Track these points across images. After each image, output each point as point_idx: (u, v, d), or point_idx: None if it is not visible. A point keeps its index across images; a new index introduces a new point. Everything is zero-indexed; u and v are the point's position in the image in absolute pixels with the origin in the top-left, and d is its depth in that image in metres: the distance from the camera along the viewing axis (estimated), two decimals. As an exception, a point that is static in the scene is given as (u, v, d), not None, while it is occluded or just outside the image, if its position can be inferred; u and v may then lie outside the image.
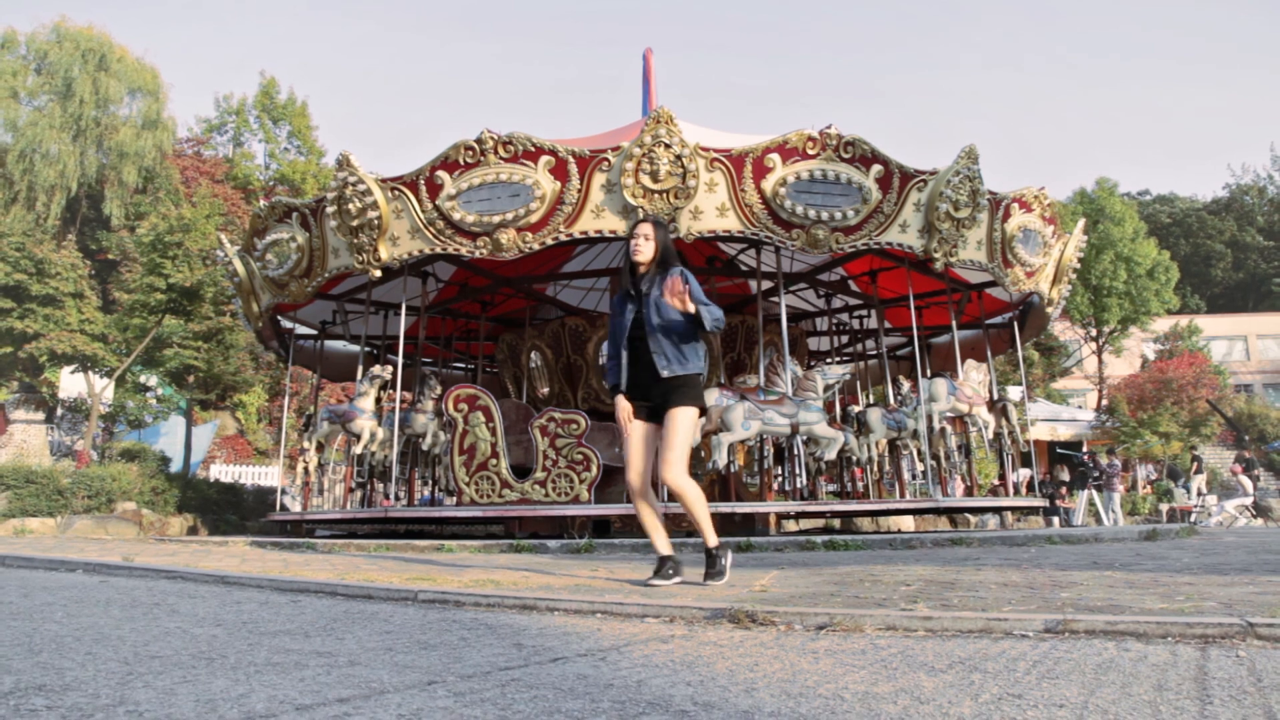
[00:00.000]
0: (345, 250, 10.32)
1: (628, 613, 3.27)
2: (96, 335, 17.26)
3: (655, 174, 9.06)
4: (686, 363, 4.44)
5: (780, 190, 9.33)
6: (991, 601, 3.37)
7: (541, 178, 9.26)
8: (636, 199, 9.10)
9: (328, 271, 10.76)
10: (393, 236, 9.94)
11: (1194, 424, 29.12)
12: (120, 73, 31.42)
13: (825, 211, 9.45)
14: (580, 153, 9.25)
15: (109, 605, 3.68)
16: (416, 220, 9.72)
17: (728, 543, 4.87)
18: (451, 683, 2.04)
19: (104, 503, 12.06)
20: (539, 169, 9.27)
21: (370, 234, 9.89)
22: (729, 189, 9.36)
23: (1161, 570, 4.77)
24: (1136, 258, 33.20)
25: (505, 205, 9.35)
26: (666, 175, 9.07)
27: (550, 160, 9.27)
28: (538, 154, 9.29)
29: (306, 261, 10.92)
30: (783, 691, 1.93)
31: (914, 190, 9.83)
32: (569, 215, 9.34)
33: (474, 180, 9.40)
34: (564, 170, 9.26)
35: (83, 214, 32.96)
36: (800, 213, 9.40)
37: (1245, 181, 65.14)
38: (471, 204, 9.44)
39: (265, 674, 2.13)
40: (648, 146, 9.04)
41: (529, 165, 9.31)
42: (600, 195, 9.28)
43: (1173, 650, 2.38)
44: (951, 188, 9.77)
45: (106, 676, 2.09)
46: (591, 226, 9.38)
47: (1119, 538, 8.74)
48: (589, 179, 9.27)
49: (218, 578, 4.79)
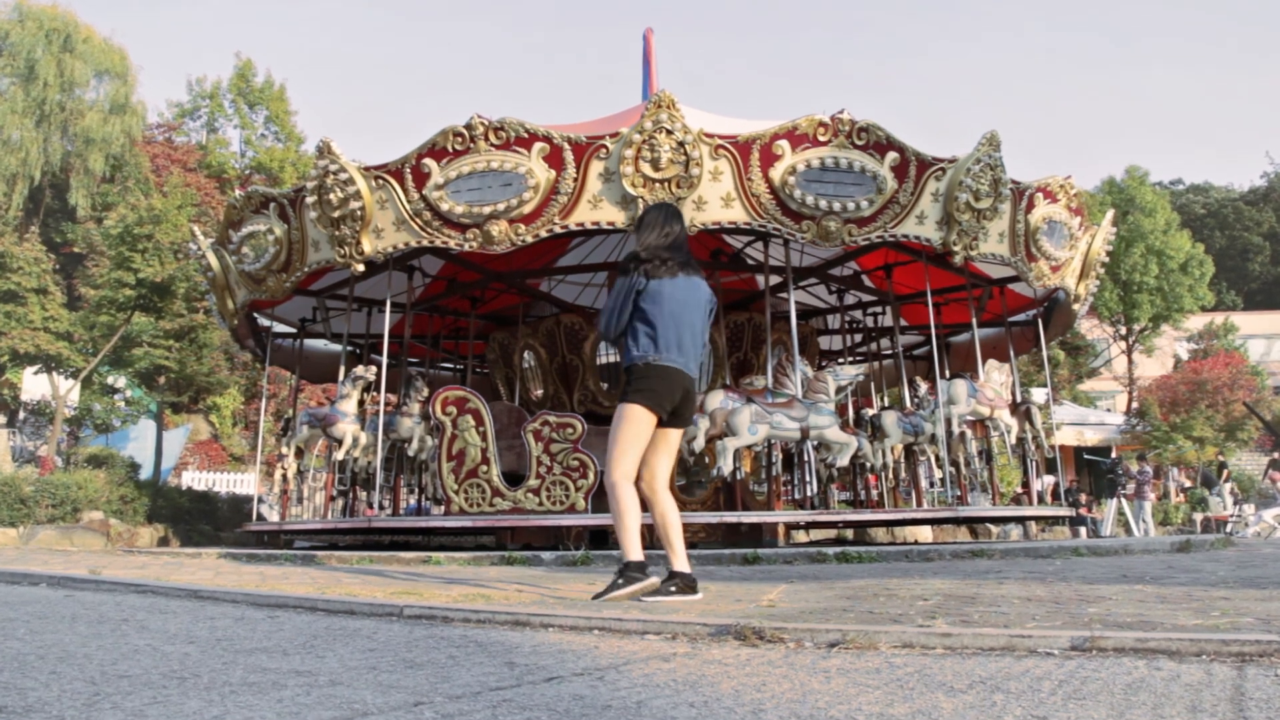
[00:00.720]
0: (326, 243, 10.29)
1: (627, 629, 3.27)
2: (61, 333, 17.26)
3: (656, 162, 9.03)
4: (627, 351, 4.55)
5: (790, 179, 9.30)
6: (1014, 617, 3.37)
7: (535, 166, 9.23)
8: (636, 189, 9.08)
9: (307, 266, 10.74)
10: (377, 228, 9.92)
11: (1230, 428, 29.11)
12: (86, 54, 31.38)
13: (837, 202, 9.42)
14: (576, 139, 9.23)
15: (74, 621, 3.68)
16: (402, 211, 9.69)
17: (736, 554, 4.86)
18: (439, 704, 2.04)
19: (69, 512, 12.07)
20: (532, 156, 9.25)
21: (353, 226, 9.86)
22: (735, 178, 9.32)
23: (1195, 584, 4.77)
24: (1169, 251, 33.20)
25: (496, 195, 9.31)
26: (668, 163, 9.02)
27: (544, 147, 9.24)
28: (531, 141, 9.26)
29: (285, 255, 10.88)
30: (792, 713, 1.93)
31: (932, 179, 9.79)
32: (564, 206, 9.31)
33: (463, 168, 9.37)
34: (559, 158, 9.22)
35: (46, 204, 32.95)
36: (811, 203, 9.36)
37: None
38: (460, 194, 9.41)
39: (241, 694, 2.13)
40: (648, 133, 9.00)
41: (522, 153, 9.28)
42: (598, 185, 9.26)
43: (1207, 669, 2.38)
44: (972, 176, 9.72)
45: (72, 697, 2.09)
46: (589, 218, 9.36)
47: (1150, 549, 8.74)
48: (585, 167, 9.25)
49: (190, 592, 4.79)
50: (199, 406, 26.87)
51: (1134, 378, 35.24)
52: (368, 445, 11.38)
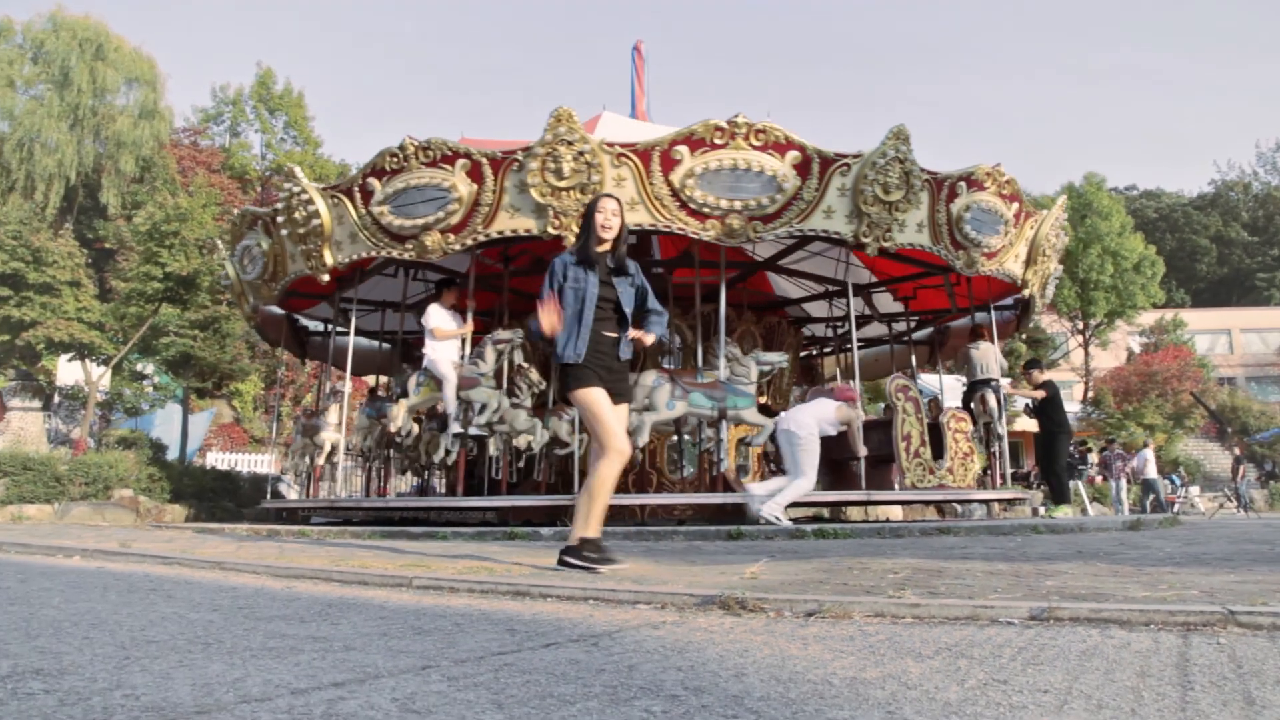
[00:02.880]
0: (300, 256, 10.59)
1: (620, 599, 3.28)
2: (93, 323, 17.21)
3: (559, 172, 9.09)
4: None
5: (689, 181, 9.22)
6: (978, 589, 3.38)
7: (458, 180, 9.40)
8: (545, 197, 9.16)
9: (288, 275, 10.98)
10: (336, 242, 10.23)
11: (1178, 416, 29.28)
12: (117, 62, 31.21)
13: (738, 200, 9.31)
14: (492, 154, 9.35)
15: (106, 591, 3.67)
16: (354, 225, 10.01)
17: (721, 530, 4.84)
18: (445, 667, 2.04)
19: (101, 489, 12.03)
20: (456, 172, 9.42)
21: (315, 241, 10.22)
22: (637, 183, 9.30)
23: (1145, 560, 4.80)
24: (1123, 252, 33.32)
25: (427, 209, 9.53)
26: (571, 172, 9.11)
27: (466, 163, 9.40)
28: (454, 158, 9.43)
29: (272, 267, 11.22)
30: (772, 677, 1.94)
31: (837, 175, 9.56)
32: (486, 216, 9.46)
33: (399, 185, 9.61)
34: (479, 172, 9.38)
35: (80, 203, 32.78)
36: (711, 203, 9.29)
37: (1231, 178, 65.51)
38: (400, 208, 9.67)
39: (261, 658, 2.13)
40: (550, 145, 9.07)
41: (447, 169, 9.45)
42: (514, 194, 9.39)
43: (1155, 637, 2.39)
44: (878, 170, 9.49)
45: (103, 661, 2.09)
46: (508, 226, 9.47)
47: (1103, 528, 8.77)
48: (501, 179, 9.38)
49: (214, 563, 4.79)
50: (222, 392, 26.84)
51: (1090, 369, 35.37)
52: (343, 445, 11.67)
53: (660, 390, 9.39)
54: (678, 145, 9.25)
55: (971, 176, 10.49)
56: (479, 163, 9.33)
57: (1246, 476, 23.14)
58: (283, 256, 10.95)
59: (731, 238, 9.47)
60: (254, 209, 11.59)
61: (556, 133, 9.06)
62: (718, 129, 9.24)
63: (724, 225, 9.40)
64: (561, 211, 9.22)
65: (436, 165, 9.47)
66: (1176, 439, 29.97)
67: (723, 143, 9.28)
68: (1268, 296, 57.12)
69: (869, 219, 9.66)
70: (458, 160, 9.38)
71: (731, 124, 9.25)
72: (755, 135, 9.30)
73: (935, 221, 10.35)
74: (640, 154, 9.24)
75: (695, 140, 9.26)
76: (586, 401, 4.38)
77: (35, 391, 23.28)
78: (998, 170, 10.80)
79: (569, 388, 4.44)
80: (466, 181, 9.37)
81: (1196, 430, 32.43)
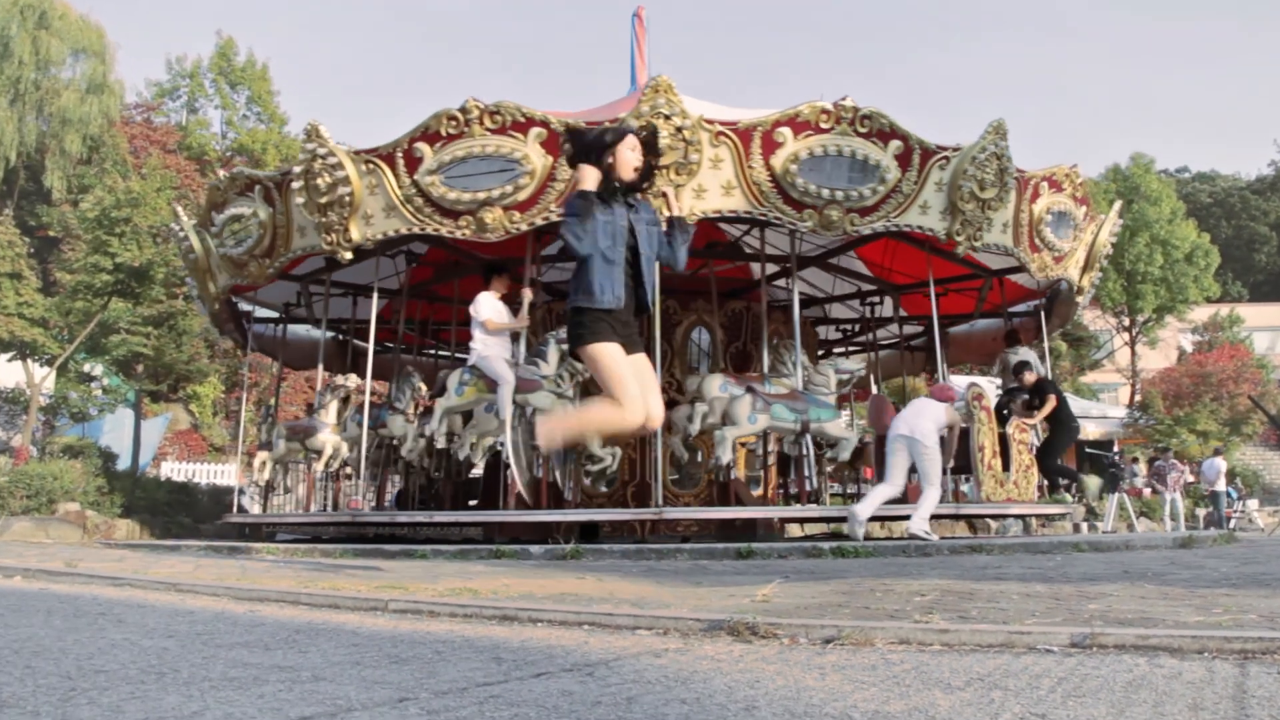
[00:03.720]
0: (312, 229, 10.19)
1: (618, 624, 3.28)
2: (36, 319, 17.17)
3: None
4: None
5: (791, 167, 9.27)
6: (1013, 613, 3.38)
7: (531, 151, 9.14)
8: (634, 175, 9.05)
9: (292, 251, 10.67)
10: (365, 214, 9.81)
11: (1234, 422, 29.24)
12: (62, 31, 31.17)
13: (840, 191, 9.39)
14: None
15: (50, 615, 3.68)
16: (393, 197, 9.58)
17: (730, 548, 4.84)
18: (425, 700, 2.04)
19: (44, 503, 12.04)
20: (529, 141, 9.16)
21: (340, 212, 9.74)
22: (735, 165, 9.28)
23: (1197, 580, 4.80)
24: (1174, 240, 33.28)
25: (491, 181, 9.21)
26: (667, 149, 8.91)
27: (541, 132, 9.15)
28: (528, 125, 9.17)
29: (269, 240, 10.77)
30: (786, 710, 1.94)
31: (935, 168, 9.77)
32: (561, 193, 9.16)
33: (457, 153, 9.26)
34: (556, 143, 9.08)
35: (21, 186, 32.77)
36: (813, 192, 9.33)
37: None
38: (454, 179, 9.30)
39: (221, 690, 2.13)
40: (646, 118, 8.92)
41: (518, 137, 9.18)
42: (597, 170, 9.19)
43: (1209, 666, 2.40)
44: (977, 165, 9.71)
45: (47, 692, 2.09)
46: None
47: (1151, 545, 8.78)
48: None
49: (169, 585, 4.79)
50: (178, 395, 26.84)
51: (1137, 370, 35.35)
52: (352, 443, 11.34)
53: (741, 403, 9.44)
54: (781, 127, 9.32)
55: (1052, 177, 10.94)
56: (557, 133, 9.03)
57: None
58: (287, 229, 10.58)
59: (828, 229, 9.62)
60: (251, 171, 11.29)
61: (655, 104, 8.97)
62: (824, 112, 9.36)
63: (822, 216, 9.49)
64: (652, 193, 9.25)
65: (505, 132, 9.20)
66: (1233, 447, 29.94)
67: (828, 127, 9.39)
68: (1333, 289, 57.12)
69: (963, 216, 9.91)
70: (531, 128, 9.15)
71: (838, 107, 9.37)
72: (861, 121, 9.44)
73: (1019, 222, 10.75)
74: (741, 134, 9.27)
75: (800, 122, 9.33)
76: (603, 359, 4.16)
77: (-29, 395, 23.29)
78: (1074, 172, 11.32)
79: (581, 341, 4.20)
80: (541, 153, 9.13)
81: (1255, 438, 32.38)
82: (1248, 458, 33.55)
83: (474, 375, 9.79)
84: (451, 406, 9.97)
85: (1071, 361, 36.83)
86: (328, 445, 11.17)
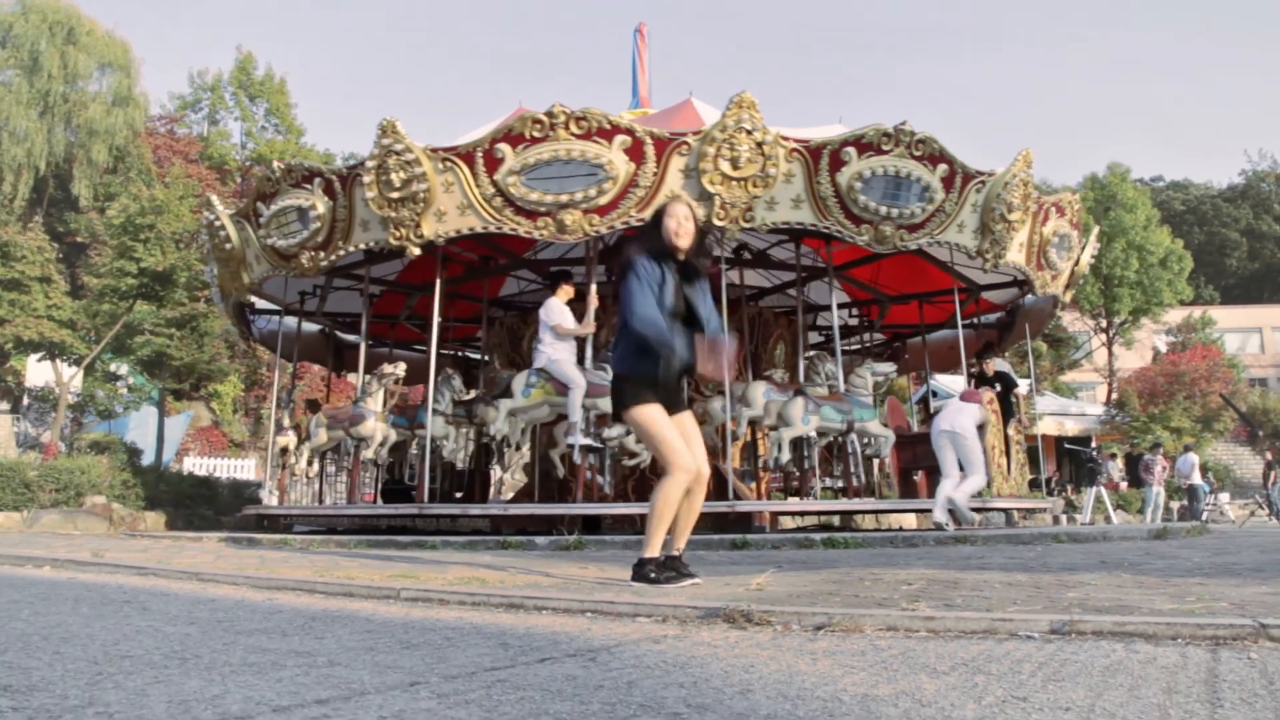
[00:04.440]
0: (377, 224, 9.89)
1: (619, 612, 3.28)
2: (64, 321, 17.20)
3: (736, 161, 9.07)
4: None
5: (855, 184, 9.51)
6: (996, 601, 3.38)
7: (615, 157, 9.11)
8: (714, 185, 9.09)
9: (351, 244, 10.29)
10: (439, 211, 9.58)
11: (1206, 419, 29.25)
12: (90, 47, 31.19)
13: (895, 209, 9.68)
14: (659, 134, 9.18)
15: (78, 603, 3.68)
16: (471, 195, 9.42)
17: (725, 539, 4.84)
18: (435, 684, 2.04)
19: (72, 496, 12.03)
20: (613, 148, 9.14)
21: (414, 208, 9.52)
22: (805, 180, 9.51)
23: (1171, 570, 4.80)
24: (1149, 246, 33.26)
25: (574, 184, 9.17)
26: (747, 163, 9.06)
27: (626, 140, 9.14)
28: (613, 132, 9.16)
29: (326, 233, 10.34)
30: (779, 694, 1.94)
31: (973, 191, 10.14)
32: (642, 199, 9.17)
33: (541, 155, 9.17)
34: (640, 151, 9.14)
35: (50, 195, 32.78)
36: (871, 208, 9.59)
37: (1262, 168, 65.32)
38: (536, 181, 9.22)
39: (241, 674, 2.13)
40: (730, 131, 9.02)
41: (603, 143, 9.15)
42: (678, 179, 9.22)
43: (1183, 652, 2.40)
44: (1007, 190, 10.09)
45: (75, 677, 2.09)
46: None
47: (1128, 536, 8.78)
48: (666, 162, 9.17)
49: (191, 574, 4.79)
50: (200, 394, 26.81)
51: (1114, 369, 35.34)
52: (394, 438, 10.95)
53: (795, 405, 9.90)
54: (847, 146, 9.53)
55: (1059, 202, 11.52)
56: (641, 140, 9.10)
57: (1278, 482, 23.12)
58: (348, 223, 10.20)
59: (881, 244, 9.89)
60: (311, 163, 10.84)
61: (739, 119, 9.07)
62: (885, 135, 9.57)
63: (877, 231, 9.78)
64: (729, 203, 9.29)
65: (590, 138, 9.16)
66: (1205, 443, 29.95)
67: (889, 149, 9.61)
68: (1301, 293, 57.11)
69: (992, 235, 10.34)
70: (616, 135, 9.14)
71: (898, 131, 9.58)
72: (916, 145, 9.69)
73: (1031, 243, 11.16)
74: (812, 151, 9.49)
75: (864, 143, 9.57)
76: (645, 421, 4.27)
77: (3, 393, 23.29)
78: (1075, 198, 11.88)
79: (625, 404, 4.31)
80: (625, 159, 9.12)
81: (1226, 434, 32.38)
82: (1219, 453, 33.56)
83: (541, 378, 9.62)
84: (518, 408, 9.80)
85: (1051, 361, 36.85)
86: (377, 432, 10.76)
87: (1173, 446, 27.18)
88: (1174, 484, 23.85)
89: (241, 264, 11.61)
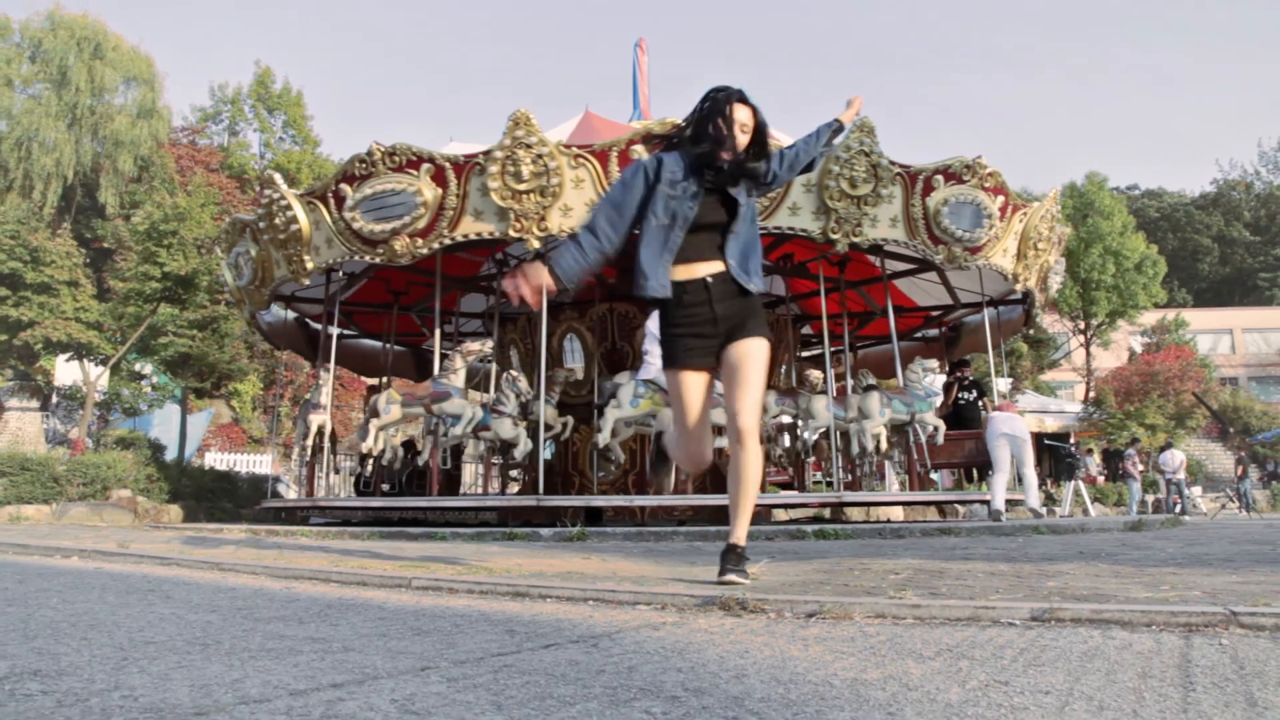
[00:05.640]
0: (493, 214, 9.93)
1: (620, 600, 3.27)
2: (91, 323, 17.19)
3: (853, 180, 9.75)
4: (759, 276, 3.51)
5: (942, 209, 10.14)
6: (979, 590, 3.38)
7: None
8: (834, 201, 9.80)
9: (459, 233, 10.12)
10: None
11: (1180, 416, 29.26)
12: (115, 61, 31.19)
13: (968, 233, 10.34)
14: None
15: (104, 591, 3.67)
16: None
17: (722, 531, 4.83)
18: (445, 668, 2.04)
19: (99, 490, 12.04)
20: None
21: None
22: (903, 202, 10.18)
23: (1146, 560, 4.79)
24: (1125, 251, 33.28)
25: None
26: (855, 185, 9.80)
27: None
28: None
29: (428, 219, 10.14)
30: (772, 678, 1.94)
31: (1017, 219, 11.01)
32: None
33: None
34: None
35: (78, 202, 32.77)
36: (950, 231, 10.23)
37: (1233, 177, 65.43)
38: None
39: (259, 659, 2.13)
40: (855, 153, 9.63)
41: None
42: (799, 194, 9.83)
43: (1157, 638, 2.39)
44: (1044, 221, 11.31)
45: (101, 662, 2.08)
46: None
47: (1105, 528, 8.78)
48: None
49: (212, 564, 4.78)
50: (221, 392, 26.87)
51: (1091, 369, 35.34)
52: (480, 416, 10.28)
53: (872, 399, 10.72)
54: (937, 175, 10.20)
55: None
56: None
57: (1248, 477, 23.13)
58: (458, 212, 10.13)
59: (950, 262, 10.63)
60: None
61: (862, 140, 9.67)
62: (966, 166, 10.26)
63: (949, 252, 10.52)
64: (843, 218, 9.93)
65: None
66: (1178, 439, 29.93)
67: (968, 179, 10.30)
68: (1270, 296, 57.07)
69: (1025, 261, 11.34)
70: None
71: (977, 163, 10.27)
72: (988, 177, 10.43)
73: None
74: (911, 176, 10.13)
75: (950, 173, 10.25)
76: (670, 393, 3.57)
77: (33, 392, 23.27)
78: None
79: None
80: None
81: (1198, 431, 32.40)
82: (1192, 449, 33.55)
83: (650, 389, 9.47)
84: (626, 417, 9.64)
85: (1032, 361, 36.87)
86: (466, 409, 10.08)
87: (1148, 443, 27.20)
88: (1150, 478, 23.87)
89: (306, 247, 10.93)
